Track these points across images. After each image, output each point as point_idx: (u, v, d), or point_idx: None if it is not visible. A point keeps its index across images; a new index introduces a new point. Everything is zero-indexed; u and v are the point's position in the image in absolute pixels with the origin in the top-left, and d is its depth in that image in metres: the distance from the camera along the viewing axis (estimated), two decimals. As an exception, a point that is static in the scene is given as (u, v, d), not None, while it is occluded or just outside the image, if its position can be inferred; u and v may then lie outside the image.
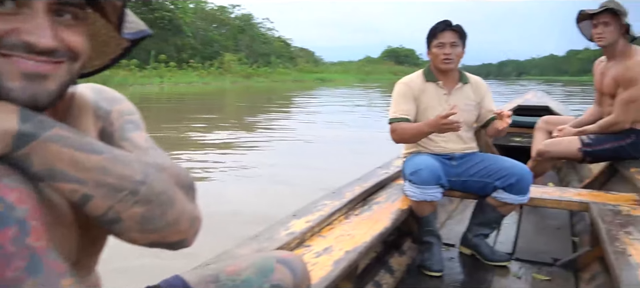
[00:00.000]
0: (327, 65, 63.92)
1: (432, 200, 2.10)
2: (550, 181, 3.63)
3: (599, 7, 2.68)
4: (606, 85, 2.78)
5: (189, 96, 20.47)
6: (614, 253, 1.52)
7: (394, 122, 2.25)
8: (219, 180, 4.93)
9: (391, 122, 2.26)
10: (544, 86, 37.04)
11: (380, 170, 2.66)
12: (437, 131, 2.14)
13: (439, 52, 2.21)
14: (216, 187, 4.60)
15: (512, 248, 2.49)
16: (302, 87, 31.48)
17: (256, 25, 54.94)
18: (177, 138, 7.80)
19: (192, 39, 41.32)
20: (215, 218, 3.43)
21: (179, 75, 33.33)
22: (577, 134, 2.89)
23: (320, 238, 1.71)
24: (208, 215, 0.78)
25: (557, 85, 45.20)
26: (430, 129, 2.14)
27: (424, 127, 2.16)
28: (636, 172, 2.53)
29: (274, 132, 8.75)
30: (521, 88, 29.52)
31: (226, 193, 4.34)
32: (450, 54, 2.20)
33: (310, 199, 2.12)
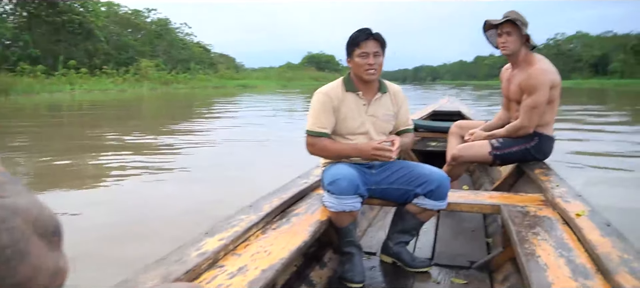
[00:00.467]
0: (248, 72, 63.42)
1: (351, 210, 2.05)
2: (465, 184, 3.75)
3: (502, 18, 2.81)
4: (512, 91, 2.91)
5: (103, 104, 19.36)
6: (524, 255, 1.56)
7: (312, 134, 2.18)
8: (130, 192, 4.63)
9: (309, 134, 2.19)
10: (455, 89, 39.27)
11: (300, 179, 2.59)
12: (364, 158, 2.11)
13: (363, 62, 2.14)
14: (127, 200, 4.34)
15: (431, 254, 2.52)
16: (224, 93, 30.94)
17: (174, 30, 53.23)
18: (88, 147, 7.35)
19: (105, 44, 39.13)
20: (119, 237, 3.24)
21: (91, 82, 31.42)
22: (487, 137, 3.00)
23: (235, 257, 1.61)
24: (110, 236, 0.70)
25: (467, 88, 48.08)
26: (358, 154, 2.11)
27: (351, 151, 2.14)
28: (540, 173, 2.65)
29: (193, 139, 8.44)
30: (435, 92, 31.10)
31: (140, 208, 4.08)
32: (374, 64, 2.14)
33: (229, 211, 2.01)
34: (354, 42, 2.17)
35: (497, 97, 25.90)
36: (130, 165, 5.94)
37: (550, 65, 2.78)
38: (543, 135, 2.86)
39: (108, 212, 3.88)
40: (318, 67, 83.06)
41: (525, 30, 2.75)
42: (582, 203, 2.02)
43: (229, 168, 5.83)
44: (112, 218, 3.73)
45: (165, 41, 48.79)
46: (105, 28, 40.69)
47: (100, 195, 4.53)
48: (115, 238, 3.26)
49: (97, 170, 5.83)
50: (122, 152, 6.93)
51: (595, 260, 1.47)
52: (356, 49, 2.16)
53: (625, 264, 1.37)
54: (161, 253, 1.52)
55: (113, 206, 4.12)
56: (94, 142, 8.26)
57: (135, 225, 3.55)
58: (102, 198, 4.39)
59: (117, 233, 3.35)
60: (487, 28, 2.97)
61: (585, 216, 1.84)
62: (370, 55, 2.13)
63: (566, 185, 2.35)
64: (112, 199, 4.37)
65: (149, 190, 4.74)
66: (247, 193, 3.92)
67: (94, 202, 4.21)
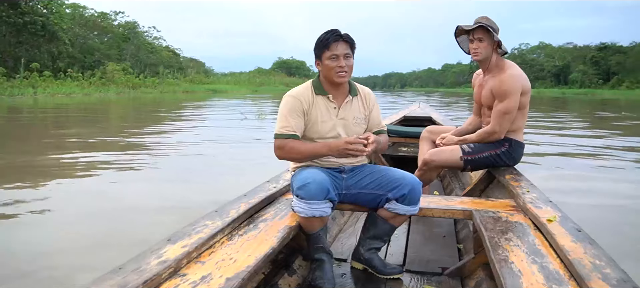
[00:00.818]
0: (218, 76, 62.96)
1: (322, 215, 1.98)
2: (435, 190, 3.74)
3: (474, 24, 2.81)
4: (484, 97, 2.91)
5: (67, 108, 18.75)
6: (498, 261, 1.54)
7: (280, 137, 2.11)
8: (87, 195, 4.45)
9: (278, 137, 2.12)
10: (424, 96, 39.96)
11: (268, 184, 2.51)
12: (336, 155, 2.06)
13: (333, 64, 2.09)
14: (82, 204, 4.16)
15: (403, 260, 2.49)
16: (194, 98, 30.57)
17: (142, 33, 52.46)
18: (48, 148, 7.01)
19: (69, 47, 38.07)
20: (81, 243, 3.10)
21: (55, 86, 30.49)
22: (459, 142, 2.99)
23: (198, 265, 1.52)
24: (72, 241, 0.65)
25: (435, 95, 48.98)
26: (330, 151, 2.05)
27: (323, 149, 2.07)
28: (511, 178, 2.66)
29: (161, 145, 8.20)
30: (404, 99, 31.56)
31: (102, 215, 3.92)
32: (344, 67, 2.09)
33: (195, 216, 1.92)
34: (323, 44, 2.10)
35: (464, 103, 26.57)
36: (89, 167, 5.74)
37: (521, 72, 2.79)
38: (513, 140, 2.87)
39: (60, 216, 3.74)
40: (289, 73, 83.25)
41: (496, 37, 2.76)
42: (552, 209, 2.03)
43: (198, 172, 5.71)
44: (63, 222, 3.59)
45: (133, 45, 47.94)
46: (70, 30, 39.63)
47: (51, 197, 4.32)
48: (67, 245, 3.11)
49: (54, 171, 5.56)
50: (83, 154, 6.69)
51: (568, 266, 1.46)
52: (326, 51, 2.10)
53: (598, 270, 1.37)
54: (118, 261, 1.43)
55: (66, 209, 3.97)
56: (55, 144, 7.97)
57: (88, 231, 3.40)
58: (53, 201, 4.21)
59: (69, 240, 3.21)
60: (458, 33, 2.97)
61: (556, 222, 1.84)
62: (340, 57, 2.08)
63: (537, 191, 2.36)
64: (64, 201, 4.21)
65: (107, 194, 4.56)
66: (212, 197, 3.88)
67: (44, 205, 4.04)
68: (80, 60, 39.25)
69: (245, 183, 2.68)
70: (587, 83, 63.20)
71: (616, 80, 59.35)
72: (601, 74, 64.35)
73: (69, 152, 7.02)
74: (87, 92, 31.31)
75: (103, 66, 38.27)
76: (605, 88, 58.89)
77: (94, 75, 36.01)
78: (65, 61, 37.17)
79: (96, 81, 35.05)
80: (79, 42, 41.80)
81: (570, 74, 68.11)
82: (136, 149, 7.46)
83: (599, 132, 10.92)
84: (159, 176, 5.36)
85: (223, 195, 2.46)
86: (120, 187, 4.83)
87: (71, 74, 34.28)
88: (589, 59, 67.63)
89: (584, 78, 64.39)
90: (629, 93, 48.88)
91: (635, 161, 6.82)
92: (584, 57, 69.22)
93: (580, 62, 68.82)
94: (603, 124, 13.62)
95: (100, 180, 5.13)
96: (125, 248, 2.64)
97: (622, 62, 61.33)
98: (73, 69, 35.53)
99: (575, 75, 66.03)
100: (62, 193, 4.55)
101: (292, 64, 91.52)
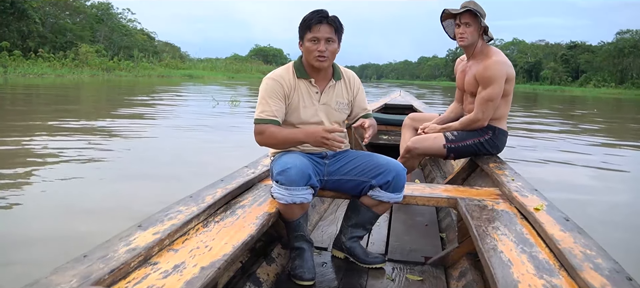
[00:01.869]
0: (194, 62, 62.10)
1: (302, 202, 1.89)
2: (417, 178, 3.70)
3: (460, 8, 2.73)
4: (467, 83, 2.85)
5: (41, 89, 18.29)
6: (487, 251, 1.50)
7: (260, 122, 2.00)
8: (65, 179, 4.25)
9: (257, 122, 2.02)
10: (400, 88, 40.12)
11: (247, 169, 2.40)
12: (313, 144, 1.97)
13: (313, 47, 1.98)
14: (50, 189, 3.97)
15: (385, 249, 2.44)
16: (170, 82, 30.11)
17: (116, 15, 51.39)
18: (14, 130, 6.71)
19: (40, 26, 37.03)
20: (52, 224, 3.01)
21: (26, 66, 29.71)
22: (441, 130, 2.93)
23: (171, 252, 1.42)
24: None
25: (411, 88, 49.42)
26: (308, 139, 1.95)
27: (300, 135, 1.97)
28: (495, 167, 2.61)
29: (124, 131, 7.87)
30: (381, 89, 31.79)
31: (73, 194, 3.81)
32: (325, 51, 1.97)
33: (162, 202, 1.80)
34: (305, 24, 2.00)
35: (439, 95, 26.98)
36: (56, 152, 5.47)
37: (506, 59, 2.73)
38: (497, 128, 2.83)
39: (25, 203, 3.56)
40: (265, 60, 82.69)
41: (483, 22, 2.69)
42: (539, 198, 2.00)
43: (170, 158, 5.58)
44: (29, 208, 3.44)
45: (106, 26, 46.90)
46: (41, 9, 38.52)
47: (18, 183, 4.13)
48: (31, 232, 2.97)
49: (20, 155, 5.31)
50: (50, 138, 6.47)
51: (558, 255, 1.44)
52: (308, 33, 1.99)
53: (589, 260, 1.35)
54: (83, 248, 1.32)
55: (32, 194, 3.80)
56: (22, 125, 7.70)
57: (56, 217, 3.27)
58: (19, 187, 4.04)
59: (35, 227, 3.07)
60: (444, 17, 2.89)
61: (543, 210, 1.81)
62: (321, 41, 1.97)
63: (521, 179, 2.32)
64: (31, 187, 4.03)
65: (76, 180, 4.36)
66: (185, 184, 3.73)
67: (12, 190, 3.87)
68: (51, 41, 38.25)
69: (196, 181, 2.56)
70: (557, 80, 65.02)
71: (584, 78, 61.33)
72: (571, 71, 66.44)
73: (29, 135, 6.75)
74: (60, 73, 30.75)
75: (76, 47, 37.39)
76: (574, 85, 60.74)
77: (67, 56, 35.15)
78: (35, 41, 36.21)
79: (69, 63, 34.27)
80: (49, 21, 40.66)
81: (541, 70, 69.86)
82: (96, 135, 7.12)
83: (571, 131, 11.25)
84: (112, 170, 4.95)
85: (171, 194, 2.31)
86: (70, 182, 4.36)
87: (42, 54, 33.40)
88: (560, 56, 69.59)
89: (554, 75, 66.27)
90: (596, 91, 50.62)
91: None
92: (555, 55, 71.10)
93: (551, 59, 70.73)
94: (576, 120, 13.98)
95: (51, 171, 4.70)
96: (90, 236, 2.55)
97: (590, 61, 63.58)
98: (44, 49, 34.61)
99: (546, 72, 67.86)
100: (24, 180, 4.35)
101: (269, 52, 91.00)
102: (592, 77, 59.68)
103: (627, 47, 57.02)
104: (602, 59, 60.71)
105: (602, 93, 46.60)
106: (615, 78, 57.11)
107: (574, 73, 65.85)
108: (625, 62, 57.69)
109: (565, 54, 69.15)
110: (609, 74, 58.33)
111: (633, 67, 56.64)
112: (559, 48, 73.91)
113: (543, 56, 73.81)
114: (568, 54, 68.86)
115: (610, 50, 59.93)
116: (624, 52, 57.36)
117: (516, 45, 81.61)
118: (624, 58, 57.70)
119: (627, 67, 57.62)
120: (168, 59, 52.30)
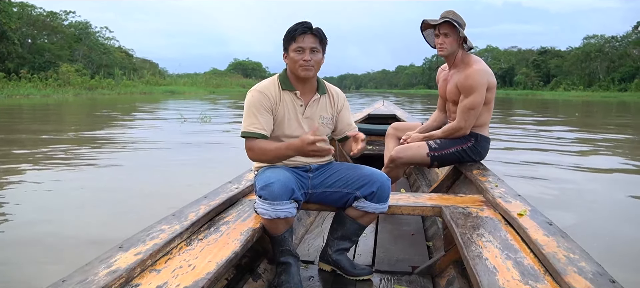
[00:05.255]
0: (173, 78, 62.18)
1: (286, 216, 1.87)
2: (402, 187, 3.70)
3: (440, 18, 2.76)
4: (449, 92, 2.87)
5: (34, 109, 18.39)
6: (472, 258, 1.50)
7: (249, 137, 1.99)
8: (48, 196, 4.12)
9: (246, 136, 2.00)
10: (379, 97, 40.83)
11: (230, 185, 2.38)
12: (301, 155, 1.95)
13: (298, 57, 1.99)
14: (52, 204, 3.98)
15: (372, 260, 2.43)
16: (153, 99, 30.17)
17: (94, 33, 51.10)
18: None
19: (19, 47, 36.96)
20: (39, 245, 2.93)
21: (11, 87, 29.76)
22: (424, 139, 2.95)
23: (153, 273, 1.39)
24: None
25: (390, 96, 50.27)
26: (294, 152, 1.92)
27: (286, 150, 1.94)
28: (478, 174, 2.63)
29: (131, 143, 8.06)
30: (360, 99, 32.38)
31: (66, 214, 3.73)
32: (310, 61, 1.98)
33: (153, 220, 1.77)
34: (290, 35, 2.01)
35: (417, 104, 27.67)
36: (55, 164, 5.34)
37: (487, 67, 2.76)
38: (479, 135, 2.85)
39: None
40: (245, 74, 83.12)
41: (462, 32, 2.73)
42: (522, 203, 2.01)
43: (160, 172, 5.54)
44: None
45: (85, 45, 46.78)
46: (18, 30, 38.43)
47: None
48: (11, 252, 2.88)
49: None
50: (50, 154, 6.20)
51: (543, 260, 1.45)
52: (292, 43, 2.00)
53: (573, 264, 1.36)
54: (62, 273, 1.29)
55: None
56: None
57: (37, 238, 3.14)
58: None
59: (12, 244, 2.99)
60: (424, 27, 2.92)
61: (526, 215, 1.82)
62: (306, 50, 1.98)
63: (504, 185, 2.34)
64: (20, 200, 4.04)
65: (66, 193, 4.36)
66: (172, 199, 3.64)
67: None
68: (30, 61, 38.14)
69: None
70: (530, 85, 67.09)
71: (555, 82, 63.35)
72: (542, 76, 68.49)
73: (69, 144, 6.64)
74: (45, 93, 30.94)
75: (55, 67, 37.42)
76: (545, 90, 62.61)
77: (49, 76, 35.25)
78: (14, 62, 36.08)
79: (52, 82, 34.36)
80: (27, 42, 40.56)
81: (514, 76, 71.95)
82: (100, 147, 7.08)
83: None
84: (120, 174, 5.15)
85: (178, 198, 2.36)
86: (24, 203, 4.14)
87: (24, 75, 33.45)
88: (531, 62, 71.84)
89: (526, 80, 68.29)
90: (566, 94, 52.39)
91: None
92: (527, 61, 73.43)
93: (523, 65, 72.96)
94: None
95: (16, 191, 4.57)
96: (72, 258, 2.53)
97: (560, 65, 65.63)
98: (23, 70, 34.63)
99: (519, 78, 69.88)
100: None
101: (248, 65, 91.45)
102: (562, 81, 61.62)
103: (593, 52, 59.16)
104: (570, 63, 62.81)
105: (571, 96, 48.05)
106: (584, 81, 59.02)
107: (545, 77, 67.84)
108: (592, 65, 59.81)
109: (536, 60, 71.32)
110: (577, 78, 60.38)
111: (600, 71, 58.80)
112: (530, 54, 76.14)
113: (516, 62, 75.94)
114: (539, 59, 71.06)
115: (578, 54, 62.00)
116: (590, 56, 59.50)
117: (490, 52, 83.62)
118: (590, 62, 59.84)
119: (594, 70, 59.69)
120: (148, 76, 52.38)
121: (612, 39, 59.86)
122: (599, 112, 21.10)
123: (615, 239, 3.31)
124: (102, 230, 3.33)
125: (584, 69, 60.83)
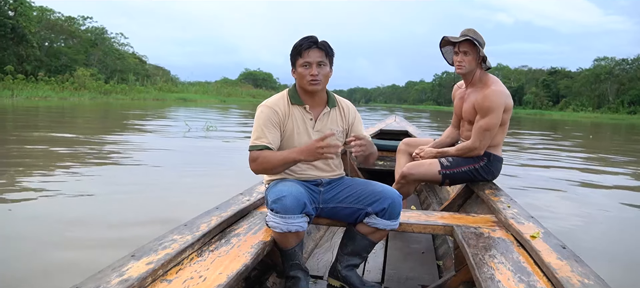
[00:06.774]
0: (185, 85, 62.89)
1: (297, 230, 1.86)
2: (413, 204, 3.65)
3: (460, 36, 2.73)
4: (465, 111, 2.85)
5: (53, 111, 18.68)
6: (484, 280, 1.48)
7: (254, 149, 1.99)
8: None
9: (251, 149, 2.00)
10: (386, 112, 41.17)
11: (242, 196, 2.38)
12: (310, 159, 1.93)
13: (305, 72, 2.00)
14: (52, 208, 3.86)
15: (381, 277, 2.40)
16: (166, 105, 30.56)
17: (110, 39, 52.01)
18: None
19: (37, 50, 37.83)
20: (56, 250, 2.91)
21: (30, 89, 30.54)
22: (437, 155, 2.92)
23: (164, 283, 1.40)
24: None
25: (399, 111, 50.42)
26: (301, 156, 1.91)
27: (293, 155, 1.93)
28: (490, 193, 2.59)
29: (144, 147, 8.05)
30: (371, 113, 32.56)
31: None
32: (317, 75, 1.99)
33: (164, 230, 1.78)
34: (296, 51, 2.02)
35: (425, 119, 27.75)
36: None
37: (504, 88, 2.73)
38: (492, 155, 2.82)
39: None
40: (255, 85, 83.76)
41: (482, 51, 2.70)
42: (535, 225, 1.99)
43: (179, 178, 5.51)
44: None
45: (100, 50, 47.65)
46: (38, 34, 39.37)
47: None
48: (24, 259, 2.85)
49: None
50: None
51: (556, 284, 1.42)
52: (299, 59, 2.01)
53: None
54: (76, 279, 1.30)
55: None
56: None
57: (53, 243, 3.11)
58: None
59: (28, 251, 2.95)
60: (443, 44, 2.89)
61: (539, 238, 1.80)
62: (313, 64, 1.99)
63: (517, 206, 2.31)
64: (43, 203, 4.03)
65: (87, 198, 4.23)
66: (188, 208, 3.44)
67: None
68: (46, 64, 38.99)
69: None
70: (539, 104, 67.09)
71: (564, 103, 63.24)
72: (551, 96, 68.33)
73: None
74: (62, 96, 31.76)
75: (71, 71, 38.26)
76: (554, 110, 62.47)
77: (66, 80, 36.11)
78: (32, 64, 36.93)
79: (69, 85, 35.19)
80: (44, 45, 41.49)
81: (524, 95, 71.94)
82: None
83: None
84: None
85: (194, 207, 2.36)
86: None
87: (43, 78, 34.30)
88: (541, 82, 71.81)
89: (536, 99, 68.23)
90: (575, 115, 52.40)
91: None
92: (537, 80, 73.48)
93: (533, 84, 72.97)
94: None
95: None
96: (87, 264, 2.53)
97: (569, 86, 65.50)
98: (41, 73, 35.48)
99: (528, 97, 69.78)
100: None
101: (258, 76, 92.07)
102: (571, 102, 61.62)
103: (604, 74, 59.14)
104: (580, 84, 62.85)
105: (580, 117, 48.05)
106: (593, 103, 59.03)
107: (554, 97, 67.72)
108: (602, 87, 59.75)
109: (546, 79, 71.23)
110: (587, 99, 60.31)
111: (609, 93, 58.78)
112: (540, 73, 76.09)
113: (525, 81, 75.85)
114: (549, 79, 70.95)
115: (588, 76, 62.03)
116: (600, 78, 59.51)
117: (500, 71, 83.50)
118: (600, 84, 59.82)
119: (603, 92, 59.66)
120: (161, 83, 53.16)
121: (622, 61, 59.90)
122: (612, 134, 20.99)
123: (633, 264, 3.25)
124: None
125: (593, 91, 60.76)
